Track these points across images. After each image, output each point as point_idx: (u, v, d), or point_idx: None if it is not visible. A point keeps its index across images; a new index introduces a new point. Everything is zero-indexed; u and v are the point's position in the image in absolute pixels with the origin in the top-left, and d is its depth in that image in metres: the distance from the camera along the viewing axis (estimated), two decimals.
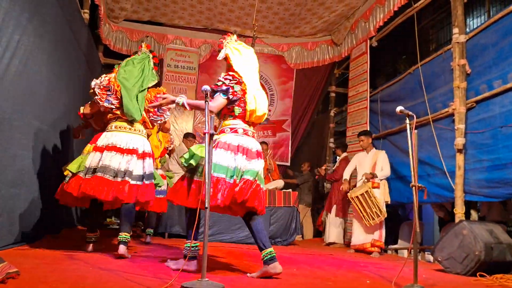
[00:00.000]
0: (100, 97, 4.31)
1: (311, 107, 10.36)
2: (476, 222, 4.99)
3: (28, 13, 4.12)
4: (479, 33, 5.78)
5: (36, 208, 4.73)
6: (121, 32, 9.55)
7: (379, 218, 6.27)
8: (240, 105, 3.64)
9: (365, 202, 6.37)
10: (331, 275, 4.05)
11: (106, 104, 4.31)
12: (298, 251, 6.34)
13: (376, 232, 6.47)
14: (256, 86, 3.74)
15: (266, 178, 8.21)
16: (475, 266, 4.37)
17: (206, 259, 2.87)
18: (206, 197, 2.95)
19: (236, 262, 4.54)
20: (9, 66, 3.77)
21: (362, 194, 6.42)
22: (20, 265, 2.93)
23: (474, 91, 5.74)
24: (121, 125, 4.39)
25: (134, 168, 4.26)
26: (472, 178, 5.65)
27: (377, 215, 6.28)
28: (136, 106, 4.37)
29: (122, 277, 3.06)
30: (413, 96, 7.08)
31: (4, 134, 3.80)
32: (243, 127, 3.67)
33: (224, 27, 9.92)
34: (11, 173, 3.99)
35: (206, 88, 3.18)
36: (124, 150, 4.25)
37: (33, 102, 4.45)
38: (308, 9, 8.88)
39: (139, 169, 4.32)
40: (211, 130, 3.04)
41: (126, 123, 4.40)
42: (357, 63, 8.82)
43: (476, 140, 5.62)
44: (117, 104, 4.33)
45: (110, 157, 4.19)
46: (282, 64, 10.35)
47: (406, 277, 3.67)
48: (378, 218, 6.27)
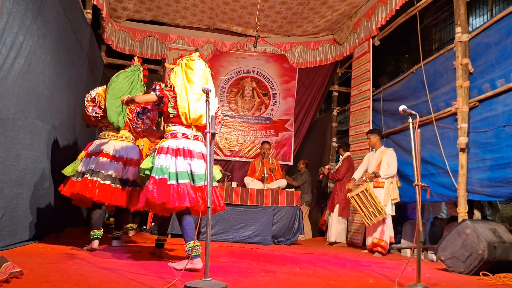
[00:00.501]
0: (87, 107, 4.89)
1: (314, 106, 10.34)
2: (479, 221, 4.98)
3: (32, 13, 4.14)
4: (482, 32, 5.76)
5: (39, 207, 4.75)
6: (124, 31, 9.56)
7: (377, 218, 6.27)
8: (174, 107, 4.02)
9: (363, 202, 6.37)
10: (334, 274, 4.05)
11: (92, 113, 4.87)
12: (301, 251, 6.34)
13: (378, 231, 6.45)
14: (194, 91, 4.09)
15: (269, 177, 8.22)
16: (478, 265, 4.37)
17: (208, 258, 2.87)
18: (208, 197, 2.95)
19: (239, 261, 4.55)
20: (13, 66, 3.79)
21: (359, 193, 6.43)
22: (24, 265, 2.94)
23: (477, 90, 5.73)
24: (109, 133, 4.97)
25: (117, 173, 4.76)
26: (475, 177, 5.63)
27: (374, 215, 6.27)
28: (118, 114, 4.84)
29: (125, 277, 3.07)
30: (416, 95, 7.07)
31: (8, 134, 3.81)
32: (183, 131, 4.04)
33: (226, 26, 9.93)
34: (15, 172, 4.01)
35: (207, 88, 3.23)
36: (110, 156, 4.79)
37: (36, 101, 4.47)
38: (311, 8, 8.88)
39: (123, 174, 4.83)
40: (213, 130, 3.10)
41: (113, 131, 4.97)
42: (360, 62, 8.81)
43: (479, 139, 5.61)
44: (101, 113, 4.85)
45: (97, 161, 4.70)
46: (284, 64, 10.34)
47: (409, 276, 3.68)
48: (376, 218, 6.27)
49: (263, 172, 8.00)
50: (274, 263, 4.59)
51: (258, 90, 10.25)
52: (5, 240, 3.83)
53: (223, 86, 10.13)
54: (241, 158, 9.94)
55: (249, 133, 10.07)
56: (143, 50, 9.68)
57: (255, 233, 6.79)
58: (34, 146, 4.47)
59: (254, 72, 10.29)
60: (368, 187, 6.39)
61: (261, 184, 7.97)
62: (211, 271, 3.07)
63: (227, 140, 9.97)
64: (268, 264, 4.50)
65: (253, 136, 10.06)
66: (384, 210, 6.26)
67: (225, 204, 4.33)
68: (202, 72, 4.29)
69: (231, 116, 10.08)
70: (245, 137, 10.05)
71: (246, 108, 10.17)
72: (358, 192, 6.44)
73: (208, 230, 2.95)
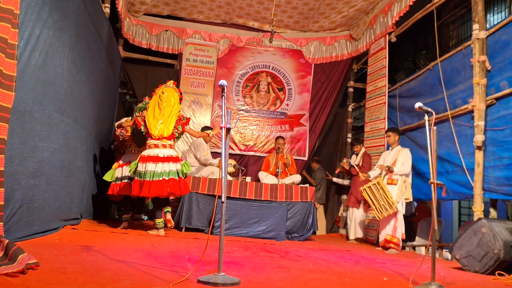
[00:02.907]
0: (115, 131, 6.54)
1: (330, 102, 10.28)
2: (495, 220, 4.93)
3: (49, 6, 4.17)
4: (500, 29, 5.69)
5: (55, 199, 4.80)
6: (141, 26, 9.61)
7: (387, 212, 6.26)
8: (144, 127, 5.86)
9: (374, 195, 6.37)
10: (348, 271, 4.05)
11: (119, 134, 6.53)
12: (314, 247, 6.34)
13: (390, 227, 6.43)
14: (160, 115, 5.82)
15: (283, 172, 8.21)
16: (494, 264, 4.33)
17: (222, 253, 2.88)
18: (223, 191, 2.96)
19: (253, 256, 4.56)
20: (30, 59, 3.82)
21: (371, 186, 6.44)
22: (40, 256, 2.98)
23: (495, 87, 5.66)
24: (133, 149, 6.67)
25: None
26: (491, 175, 5.58)
27: (385, 209, 6.26)
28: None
29: (140, 270, 3.09)
30: (433, 92, 7.01)
31: (25, 126, 3.85)
32: (153, 143, 5.80)
33: (242, 21, 9.93)
34: (32, 164, 4.05)
35: (223, 83, 3.24)
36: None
37: (53, 94, 4.51)
38: (328, 4, 8.84)
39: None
40: (228, 124, 3.13)
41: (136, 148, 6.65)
42: (376, 58, 8.76)
43: (496, 137, 5.55)
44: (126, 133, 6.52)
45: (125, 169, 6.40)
46: (300, 59, 10.31)
47: (423, 275, 3.65)
48: (387, 211, 6.26)
49: (277, 167, 8.00)
50: (288, 259, 4.59)
51: (273, 85, 10.24)
52: (22, 231, 3.88)
53: (238, 80, 10.13)
54: (256, 152, 9.94)
55: (264, 128, 10.06)
56: (159, 44, 9.74)
57: (269, 228, 6.79)
58: (51, 138, 4.51)
59: (270, 67, 10.27)
60: (381, 181, 6.38)
61: (275, 179, 7.97)
62: (225, 266, 3.08)
63: (242, 135, 9.97)
64: (281, 259, 4.51)
65: (268, 130, 10.05)
66: (396, 204, 6.25)
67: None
68: (171, 100, 5.92)
69: (246, 111, 10.08)
70: (260, 132, 10.04)
71: (261, 103, 10.16)
72: (370, 185, 6.46)
73: (222, 225, 2.96)
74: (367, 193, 6.52)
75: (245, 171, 8.94)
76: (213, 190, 6.97)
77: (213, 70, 9.89)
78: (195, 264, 3.27)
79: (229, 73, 10.06)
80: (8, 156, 3.47)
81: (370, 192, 6.48)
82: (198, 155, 7.63)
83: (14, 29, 3.36)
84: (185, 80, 9.72)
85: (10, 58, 3.32)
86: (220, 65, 10.05)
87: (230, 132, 3.43)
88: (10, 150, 3.52)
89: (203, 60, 9.87)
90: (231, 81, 10.06)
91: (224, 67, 10.09)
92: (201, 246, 4.86)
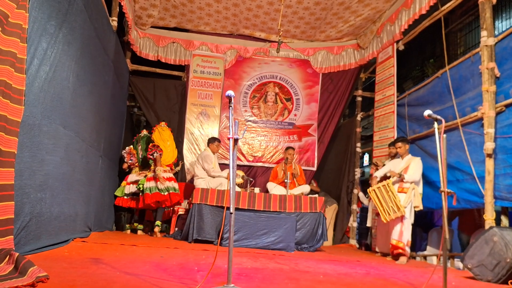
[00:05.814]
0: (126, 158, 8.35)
1: (338, 111, 10.26)
2: (507, 228, 4.87)
3: (56, 21, 4.20)
4: (508, 36, 5.66)
5: (60, 212, 4.81)
6: (148, 38, 9.69)
7: (395, 214, 6.22)
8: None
9: (383, 196, 6.34)
10: (358, 282, 4.01)
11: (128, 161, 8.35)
12: (325, 258, 6.29)
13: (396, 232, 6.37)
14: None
15: (291, 183, 8.19)
16: (506, 273, 4.28)
17: (231, 264, 2.87)
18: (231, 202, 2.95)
19: (262, 268, 4.53)
20: (38, 73, 3.85)
21: (380, 187, 6.41)
22: (49, 269, 2.98)
23: (504, 94, 5.63)
24: (135, 171, 8.25)
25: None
26: (502, 183, 5.53)
27: (393, 211, 6.23)
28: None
29: (149, 282, 3.08)
30: (441, 100, 6.98)
31: (34, 140, 3.87)
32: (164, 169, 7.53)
33: (249, 32, 9.97)
34: (39, 177, 4.07)
35: (230, 94, 3.25)
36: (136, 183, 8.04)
37: (60, 108, 4.53)
38: (334, 13, 8.85)
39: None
40: (236, 135, 3.13)
41: (138, 169, 8.25)
42: (384, 67, 8.75)
43: (506, 144, 5.51)
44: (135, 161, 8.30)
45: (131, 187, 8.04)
46: (307, 69, 10.32)
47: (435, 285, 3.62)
48: (394, 214, 6.23)
49: (285, 178, 7.97)
50: (298, 270, 4.56)
51: (281, 95, 10.25)
52: (30, 245, 3.89)
53: (245, 91, 10.15)
54: (264, 163, 9.93)
55: (272, 138, 10.06)
56: (167, 56, 9.81)
57: (278, 239, 6.75)
58: (56, 152, 4.53)
59: (277, 77, 10.29)
60: (390, 183, 6.35)
61: (284, 190, 7.95)
62: (234, 278, 3.07)
63: (250, 146, 9.97)
64: (291, 271, 4.48)
65: (276, 141, 10.04)
66: (403, 208, 6.21)
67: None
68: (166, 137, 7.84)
69: (254, 122, 10.09)
70: (268, 142, 10.03)
71: (269, 113, 10.17)
72: (380, 185, 6.43)
73: (231, 236, 2.95)
74: (375, 194, 6.50)
75: (253, 182, 8.93)
76: (222, 202, 6.96)
77: (220, 81, 9.93)
78: (204, 276, 3.25)
79: (236, 84, 10.09)
80: (18, 170, 3.48)
81: (379, 193, 6.45)
82: (206, 166, 7.65)
83: (23, 44, 3.39)
84: (192, 91, 9.75)
85: (19, 72, 3.35)
86: (227, 76, 10.09)
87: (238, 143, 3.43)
88: (19, 163, 3.55)
89: (210, 71, 9.91)
90: (238, 92, 10.08)
91: (231, 78, 10.12)
92: (210, 257, 4.84)
